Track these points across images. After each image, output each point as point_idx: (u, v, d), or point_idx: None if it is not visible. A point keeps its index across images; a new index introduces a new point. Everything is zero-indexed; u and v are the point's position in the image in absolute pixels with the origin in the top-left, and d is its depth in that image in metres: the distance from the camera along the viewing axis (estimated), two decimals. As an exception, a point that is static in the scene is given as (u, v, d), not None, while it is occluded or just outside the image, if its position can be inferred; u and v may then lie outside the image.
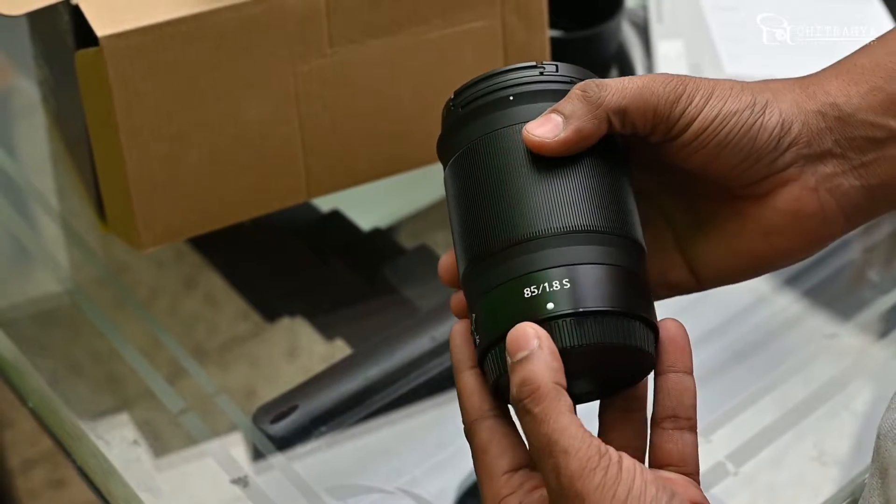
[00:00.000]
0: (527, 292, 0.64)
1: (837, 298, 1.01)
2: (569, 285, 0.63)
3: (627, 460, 0.61)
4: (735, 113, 0.68)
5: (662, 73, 0.68)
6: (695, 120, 0.67)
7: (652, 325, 0.66)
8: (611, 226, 0.66)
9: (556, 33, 1.04)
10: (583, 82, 0.68)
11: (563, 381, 0.62)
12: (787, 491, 0.90)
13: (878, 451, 0.62)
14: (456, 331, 0.69)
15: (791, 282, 1.01)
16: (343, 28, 0.89)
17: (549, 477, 0.61)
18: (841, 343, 0.98)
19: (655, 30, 1.12)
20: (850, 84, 0.70)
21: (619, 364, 0.66)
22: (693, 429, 0.67)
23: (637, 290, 0.66)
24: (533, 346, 0.62)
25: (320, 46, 0.89)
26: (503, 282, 0.65)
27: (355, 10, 0.89)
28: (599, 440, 0.62)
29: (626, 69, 1.11)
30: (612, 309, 0.63)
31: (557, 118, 0.67)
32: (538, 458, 0.62)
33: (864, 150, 0.69)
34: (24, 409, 0.93)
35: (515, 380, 0.62)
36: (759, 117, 0.68)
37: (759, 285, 1.00)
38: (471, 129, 0.69)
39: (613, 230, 0.66)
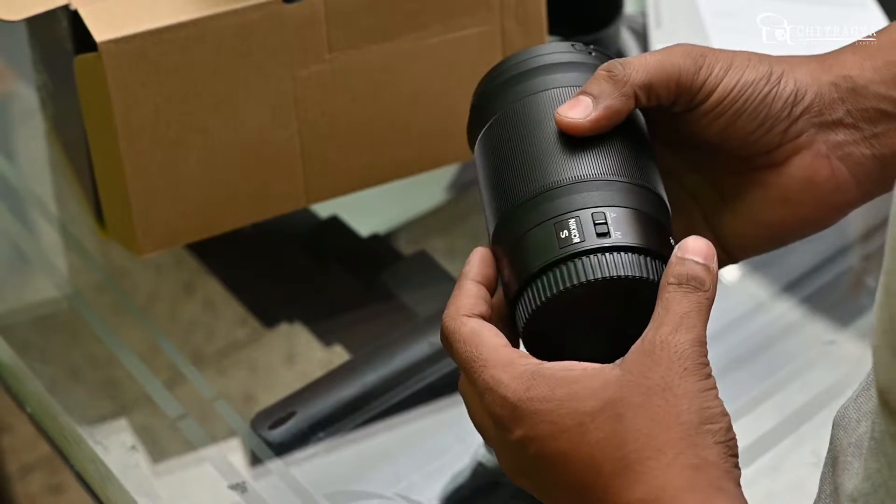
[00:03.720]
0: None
1: (836, 305, 1.01)
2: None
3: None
4: (752, 82, 0.70)
5: (680, 45, 0.71)
6: (715, 89, 0.70)
7: None
8: (642, 179, 0.68)
9: (554, 39, 1.04)
10: (607, 62, 0.70)
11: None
12: (785, 497, 0.90)
13: (831, 440, 0.63)
14: (477, 250, 0.70)
15: (790, 288, 1.01)
16: (342, 34, 0.89)
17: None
18: (839, 350, 0.98)
19: (654, 36, 1.12)
20: (866, 58, 0.72)
21: (626, 311, 0.67)
22: None
23: (664, 236, 0.68)
24: (710, 256, 0.65)
25: (319, 52, 0.89)
26: (536, 224, 0.66)
27: (354, 15, 0.89)
28: None
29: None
30: (642, 246, 0.66)
31: (587, 99, 0.69)
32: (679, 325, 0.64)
33: (876, 122, 0.72)
34: (22, 414, 0.93)
35: (681, 265, 0.65)
36: (775, 86, 0.71)
37: (757, 291, 1.00)
38: (503, 98, 0.71)
39: (644, 184, 0.68)
